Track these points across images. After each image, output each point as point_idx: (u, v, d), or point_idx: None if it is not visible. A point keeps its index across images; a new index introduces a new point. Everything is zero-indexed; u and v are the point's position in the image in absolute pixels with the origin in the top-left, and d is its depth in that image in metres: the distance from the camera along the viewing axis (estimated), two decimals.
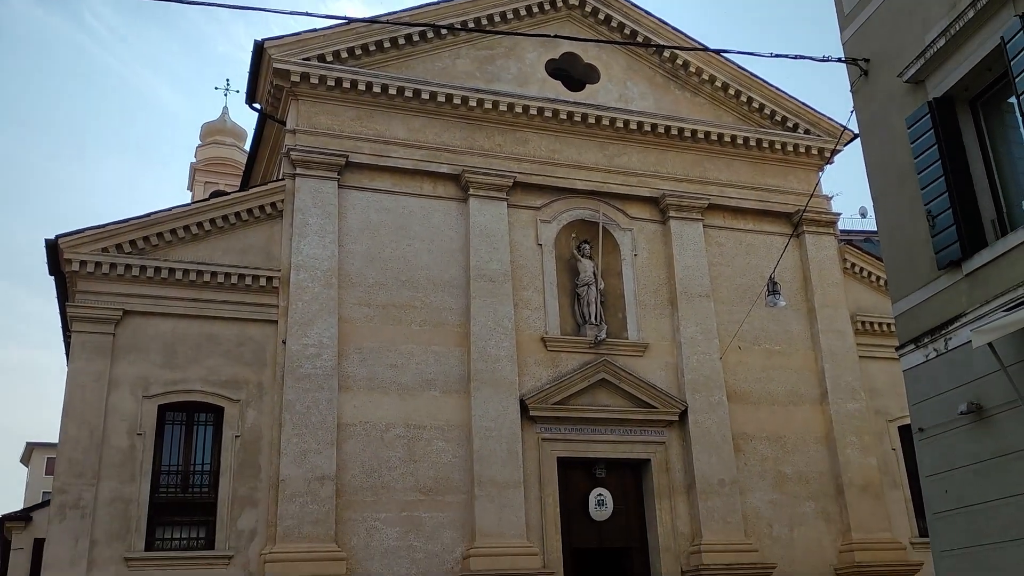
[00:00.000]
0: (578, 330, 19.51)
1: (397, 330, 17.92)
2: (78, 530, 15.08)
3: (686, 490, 18.85)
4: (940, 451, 9.79)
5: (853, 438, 20.01)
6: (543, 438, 18.27)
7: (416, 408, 17.51)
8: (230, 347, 17.02)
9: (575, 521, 18.38)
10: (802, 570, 18.88)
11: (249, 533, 16.11)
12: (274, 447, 16.53)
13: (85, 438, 15.59)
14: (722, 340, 19.93)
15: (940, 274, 9.95)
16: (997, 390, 8.92)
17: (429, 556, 16.66)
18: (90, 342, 16.19)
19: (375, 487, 16.77)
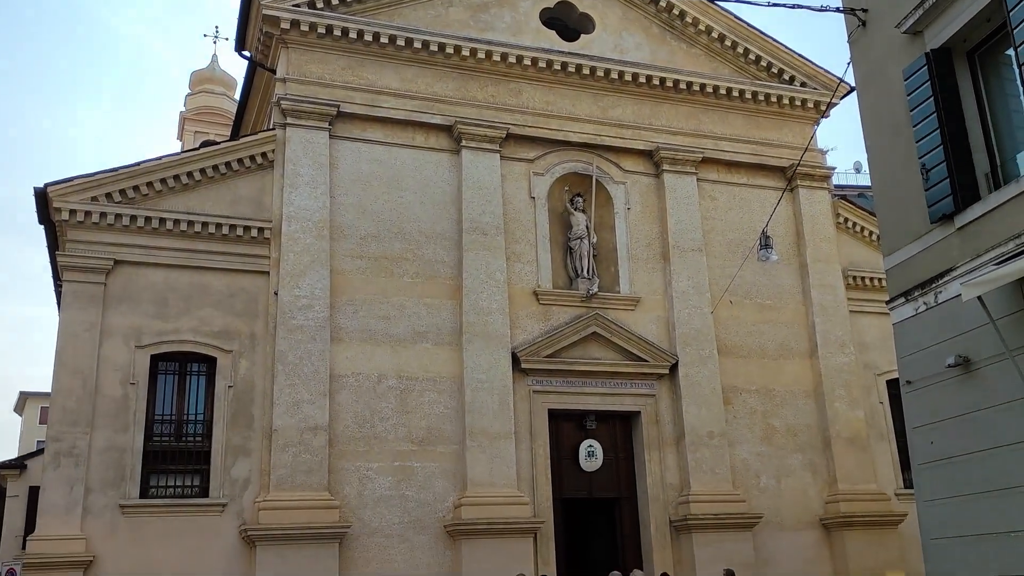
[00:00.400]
0: (570, 284, 19.54)
1: (389, 282, 17.91)
2: (72, 477, 15.21)
3: (675, 442, 19.06)
4: (927, 403, 9.90)
5: (842, 391, 20.22)
6: (534, 390, 18.41)
7: (408, 360, 17.59)
8: (222, 298, 17.01)
9: (565, 472, 18.61)
10: (788, 520, 19.22)
11: (243, 482, 16.27)
12: (267, 397, 16.62)
13: (78, 387, 15.64)
14: (714, 294, 20.00)
15: (932, 228, 9.96)
16: (985, 343, 8.99)
17: (421, 505, 16.88)
18: (81, 292, 16.15)
19: (368, 437, 16.92)
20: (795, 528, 19.22)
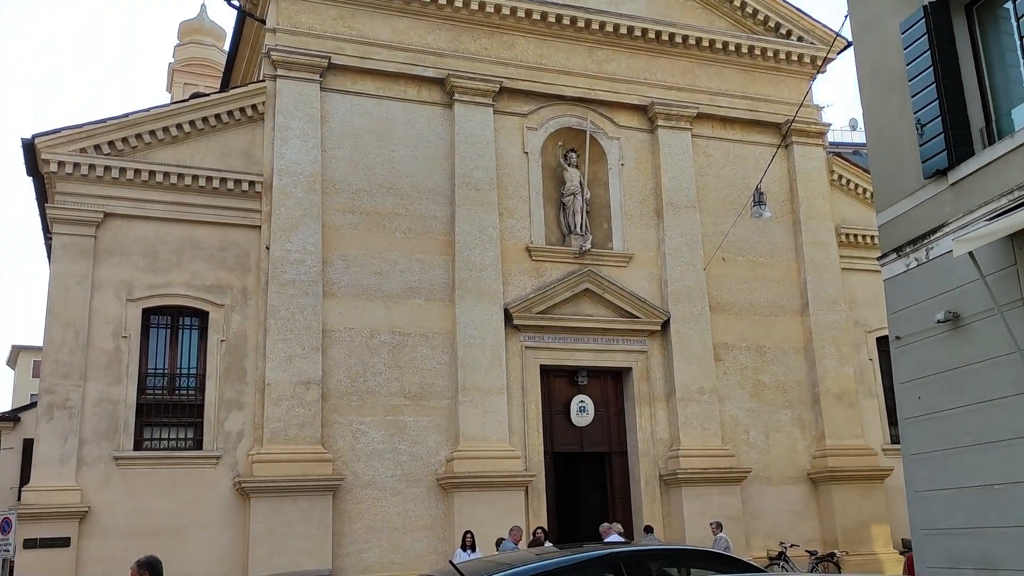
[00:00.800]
0: (563, 240, 19.51)
1: (381, 237, 17.86)
2: (66, 429, 15.28)
3: (666, 398, 19.21)
4: (915, 359, 9.96)
5: (831, 348, 20.36)
6: (526, 346, 18.48)
7: (401, 315, 17.61)
8: (213, 252, 16.96)
9: (557, 426, 18.77)
10: (776, 475, 19.48)
11: (236, 435, 16.37)
12: (259, 352, 16.65)
13: (70, 340, 15.64)
14: (706, 251, 20.01)
15: (926, 183, 9.92)
16: (974, 299, 9.02)
17: (414, 459, 17.04)
18: (71, 244, 16.08)
19: (360, 392, 17.01)
20: (783, 482, 19.49)
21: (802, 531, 19.14)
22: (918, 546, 9.91)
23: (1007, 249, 8.68)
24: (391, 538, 16.47)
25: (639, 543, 15.03)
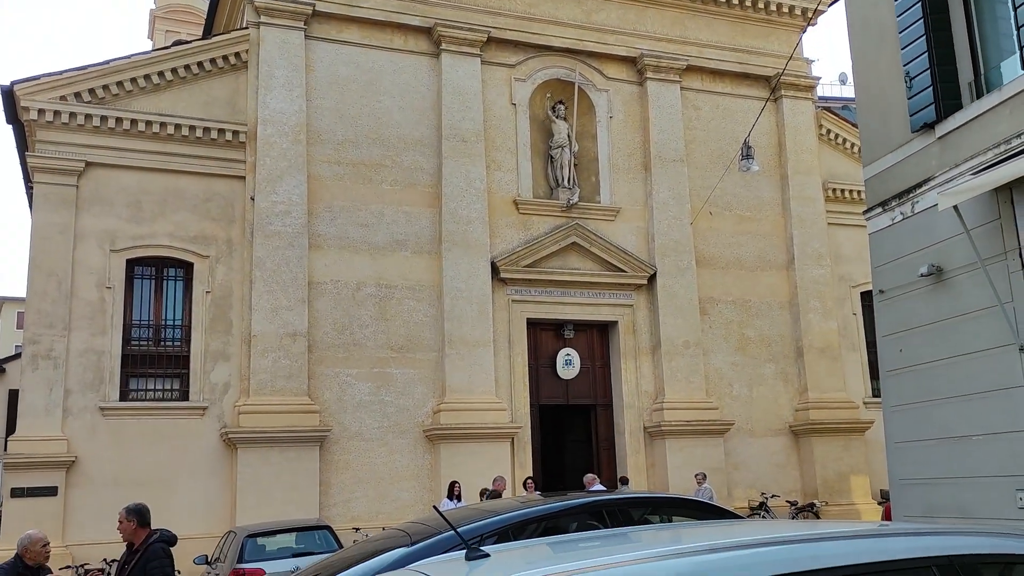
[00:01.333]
0: (551, 193, 19.43)
1: (368, 189, 17.73)
2: (51, 380, 15.26)
3: (651, 351, 19.34)
4: (898, 312, 10.03)
5: (816, 303, 20.50)
6: (513, 299, 18.51)
7: (387, 268, 17.57)
8: (197, 202, 16.81)
9: (543, 379, 18.90)
10: (759, 427, 19.73)
11: (223, 386, 16.40)
12: (245, 303, 16.61)
13: (53, 290, 15.55)
14: (694, 205, 19.99)
15: (913, 137, 9.90)
16: (958, 253, 9.06)
17: (400, 410, 17.14)
18: (53, 194, 15.89)
19: (347, 344, 17.03)
20: (765, 434, 19.75)
21: (783, 482, 19.46)
22: (896, 496, 10.09)
23: (992, 203, 8.70)
24: (378, 488, 16.63)
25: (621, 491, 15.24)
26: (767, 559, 2.86)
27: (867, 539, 3.12)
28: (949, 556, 2.95)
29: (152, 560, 6.70)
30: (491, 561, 3.11)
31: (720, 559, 2.93)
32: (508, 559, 3.28)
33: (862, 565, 2.90)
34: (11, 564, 6.82)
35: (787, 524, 4.06)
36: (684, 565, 2.84)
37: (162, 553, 6.77)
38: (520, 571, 2.84)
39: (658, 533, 4.67)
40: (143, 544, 6.79)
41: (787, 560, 2.86)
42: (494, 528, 5.48)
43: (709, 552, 3.02)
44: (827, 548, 3.03)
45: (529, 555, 3.44)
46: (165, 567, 6.73)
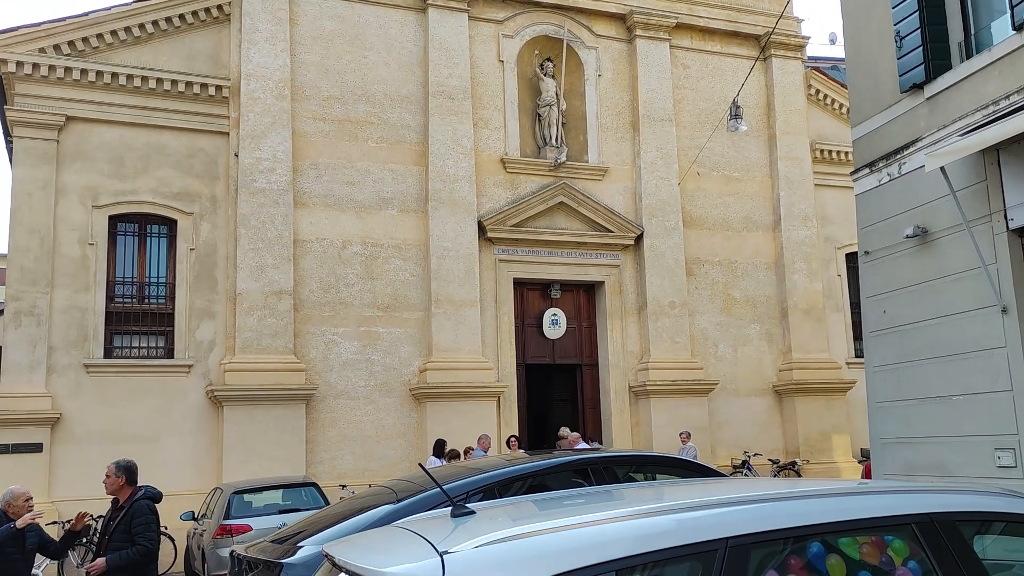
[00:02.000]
0: (538, 152, 19.31)
1: (353, 146, 17.56)
2: (34, 336, 15.17)
3: (637, 311, 19.40)
4: (883, 274, 10.08)
5: (801, 264, 20.57)
6: (500, 259, 18.47)
7: (373, 226, 17.47)
8: (180, 158, 16.61)
9: (529, 339, 18.95)
10: (743, 387, 19.90)
11: (208, 344, 16.36)
12: (230, 261, 16.51)
13: (35, 246, 15.39)
14: (681, 166, 19.92)
15: (902, 97, 9.86)
16: (944, 214, 9.09)
17: (387, 369, 17.16)
18: (33, 148, 15.65)
19: (333, 303, 16.99)
20: (749, 394, 19.93)
21: (766, 441, 19.69)
22: (876, 454, 10.22)
23: (978, 165, 8.70)
24: (364, 446, 16.71)
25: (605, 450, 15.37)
26: (748, 516, 2.89)
27: (847, 497, 3.15)
28: (929, 514, 2.98)
29: (137, 516, 6.72)
30: (476, 518, 3.13)
31: (702, 516, 2.95)
32: (493, 516, 3.30)
33: (842, 523, 2.93)
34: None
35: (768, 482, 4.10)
36: (668, 523, 2.87)
37: (147, 510, 6.79)
38: (505, 528, 2.85)
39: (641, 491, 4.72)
40: (128, 500, 6.81)
41: (768, 517, 2.88)
42: (480, 486, 5.52)
43: (691, 509, 3.05)
44: (807, 506, 3.06)
45: (514, 512, 3.46)
46: (150, 524, 6.75)
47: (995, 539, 3.21)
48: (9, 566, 6.74)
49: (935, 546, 2.90)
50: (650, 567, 2.69)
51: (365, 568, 2.70)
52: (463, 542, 2.68)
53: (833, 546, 2.86)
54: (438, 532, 2.91)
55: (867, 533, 2.94)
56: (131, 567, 6.63)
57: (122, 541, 6.66)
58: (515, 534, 2.74)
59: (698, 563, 2.69)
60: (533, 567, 2.54)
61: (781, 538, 2.84)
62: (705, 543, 2.72)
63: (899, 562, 2.89)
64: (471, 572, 2.54)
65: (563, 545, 2.67)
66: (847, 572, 2.82)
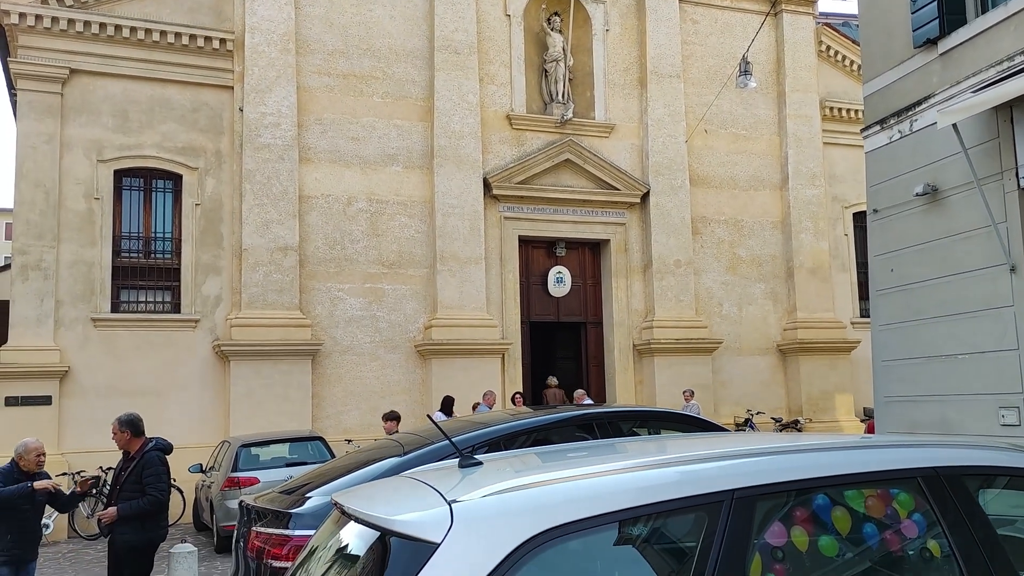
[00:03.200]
0: (544, 108, 19.13)
1: (358, 101, 17.42)
2: (42, 291, 15.21)
3: (642, 270, 19.37)
4: (891, 232, 10.03)
5: (808, 223, 20.47)
6: (505, 216, 18.41)
7: (379, 182, 17.40)
8: (184, 112, 16.50)
9: (534, 296, 18.96)
10: (747, 346, 19.94)
11: (214, 299, 16.40)
12: (236, 216, 16.48)
13: (41, 200, 15.37)
14: (689, 123, 19.74)
15: (915, 53, 9.72)
16: (954, 172, 9.01)
17: (392, 326, 17.22)
18: (37, 102, 15.55)
19: (338, 259, 16.99)
20: (753, 353, 19.98)
21: (769, 399, 19.78)
22: (880, 413, 10.26)
23: (991, 122, 8.60)
24: (370, 401, 16.83)
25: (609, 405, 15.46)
26: (754, 469, 2.89)
27: (853, 451, 3.15)
28: (935, 468, 2.99)
29: (148, 467, 6.82)
30: (483, 469, 3.14)
31: (708, 468, 2.96)
32: (500, 467, 3.32)
33: (848, 476, 2.93)
34: (7, 469, 6.93)
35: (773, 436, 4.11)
36: (673, 475, 2.88)
37: (157, 461, 6.89)
38: (512, 479, 2.87)
39: (646, 444, 4.74)
40: (139, 452, 6.90)
41: (774, 470, 2.89)
42: (485, 439, 5.55)
43: (696, 462, 3.06)
44: (813, 459, 3.06)
45: (520, 464, 3.48)
46: (160, 475, 6.85)
47: (999, 493, 3.23)
48: (20, 518, 6.85)
49: (940, 499, 2.91)
50: (655, 518, 2.71)
51: (375, 516, 2.72)
52: (471, 492, 2.70)
53: (838, 499, 2.87)
54: (446, 482, 2.93)
55: (873, 486, 2.95)
56: (141, 516, 6.75)
57: (133, 491, 6.77)
58: (521, 484, 2.76)
59: (704, 514, 2.70)
60: (539, 516, 2.56)
61: (787, 491, 2.84)
62: (711, 495, 2.73)
63: (904, 515, 2.90)
64: (479, 521, 2.56)
65: (568, 495, 2.69)
66: (852, 525, 2.83)
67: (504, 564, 2.44)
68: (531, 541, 2.48)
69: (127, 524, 6.70)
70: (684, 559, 2.68)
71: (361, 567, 2.70)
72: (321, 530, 3.27)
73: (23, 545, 6.85)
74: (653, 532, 2.72)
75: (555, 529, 2.52)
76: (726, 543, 2.64)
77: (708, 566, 2.59)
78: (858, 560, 2.84)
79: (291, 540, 4.57)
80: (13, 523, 6.79)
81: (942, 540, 2.86)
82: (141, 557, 6.80)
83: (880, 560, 2.86)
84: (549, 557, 2.51)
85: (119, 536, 6.74)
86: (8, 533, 6.76)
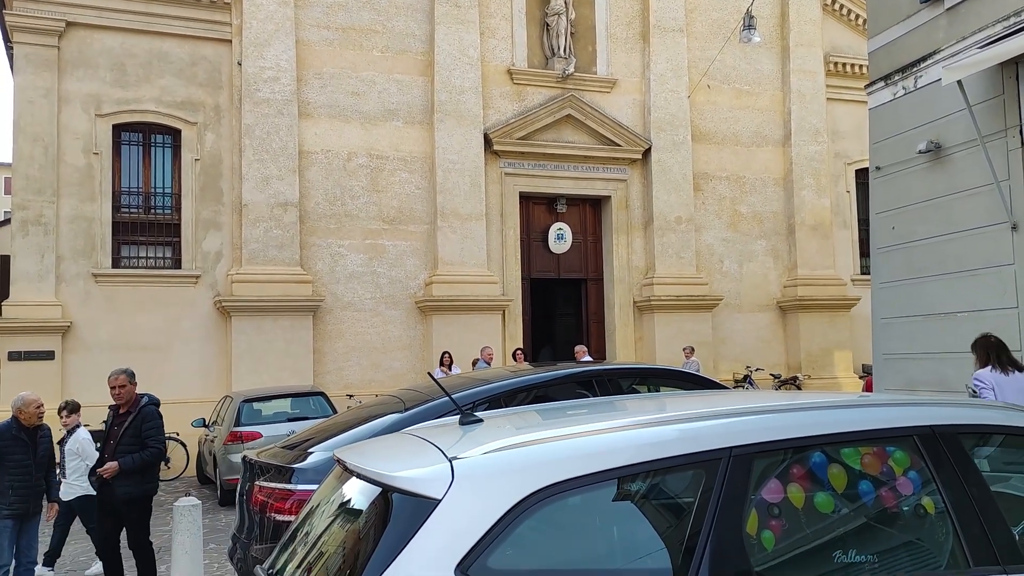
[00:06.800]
0: (546, 63, 18.92)
1: (358, 56, 17.23)
2: (43, 246, 15.21)
3: (644, 226, 19.33)
4: (893, 189, 10.00)
5: (810, 180, 20.38)
6: (506, 172, 18.32)
7: (379, 138, 17.29)
8: (183, 66, 16.33)
9: (535, 253, 18.95)
10: (747, 303, 19.98)
11: (215, 255, 16.40)
12: (235, 172, 16.41)
13: (40, 155, 15.29)
14: (692, 78, 19.54)
15: (921, 8, 9.59)
16: (958, 130, 8.95)
17: (393, 282, 17.24)
18: (33, 55, 15.38)
19: (338, 215, 16.95)
20: (753, 310, 20.03)
21: (768, 356, 19.88)
22: (878, 369, 10.32)
23: (996, 79, 8.52)
24: (371, 357, 16.92)
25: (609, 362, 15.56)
26: (751, 427, 2.92)
27: (850, 409, 3.18)
28: (931, 426, 3.02)
29: (148, 420, 6.90)
30: (484, 426, 3.18)
31: (706, 426, 2.99)
32: (500, 425, 3.36)
33: (844, 434, 2.96)
34: (7, 424, 6.98)
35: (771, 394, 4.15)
36: (671, 432, 2.91)
37: (156, 414, 6.97)
38: (512, 436, 2.91)
39: (645, 401, 4.78)
40: (135, 406, 6.96)
41: (771, 428, 2.92)
42: (486, 396, 5.58)
43: (694, 420, 3.09)
44: (811, 417, 3.09)
45: (520, 421, 3.52)
46: (160, 428, 6.96)
47: (994, 451, 3.26)
48: (23, 473, 6.89)
49: (935, 457, 2.94)
50: (653, 475, 2.74)
51: (377, 472, 2.76)
52: (471, 449, 2.73)
53: (835, 456, 2.90)
54: (447, 439, 2.96)
55: (869, 444, 2.98)
56: (142, 469, 6.83)
57: (132, 444, 6.84)
58: (522, 441, 2.79)
59: (702, 472, 2.74)
60: (539, 473, 2.59)
61: (784, 448, 2.87)
62: (708, 452, 2.76)
63: (899, 472, 2.94)
64: (479, 477, 2.59)
65: (568, 452, 2.72)
66: (848, 482, 2.87)
67: (504, 519, 2.48)
68: (531, 497, 2.52)
69: (128, 477, 6.78)
70: (682, 515, 2.72)
71: (363, 522, 2.74)
72: (323, 485, 3.32)
73: (27, 499, 6.92)
74: (651, 489, 2.76)
75: (555, 485, 2.56)
76: (723, 500, 2.68)
77: (705, 522, 2.63)
78: (853, 516, 2.88)
79: (294, 494, 4.63)
80: (15, 477, 6.85)
81: (937, 497, 2.90)
82: (142, 508, 6.91)
83: (875, 516, 2.90)
84: (549, 513, 2.55)
85: (120, 489, 6.80)
86: (10, 488, 6.82)
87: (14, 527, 6.86)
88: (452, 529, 2.46)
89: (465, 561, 2.41)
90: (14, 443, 6.87)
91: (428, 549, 2.43)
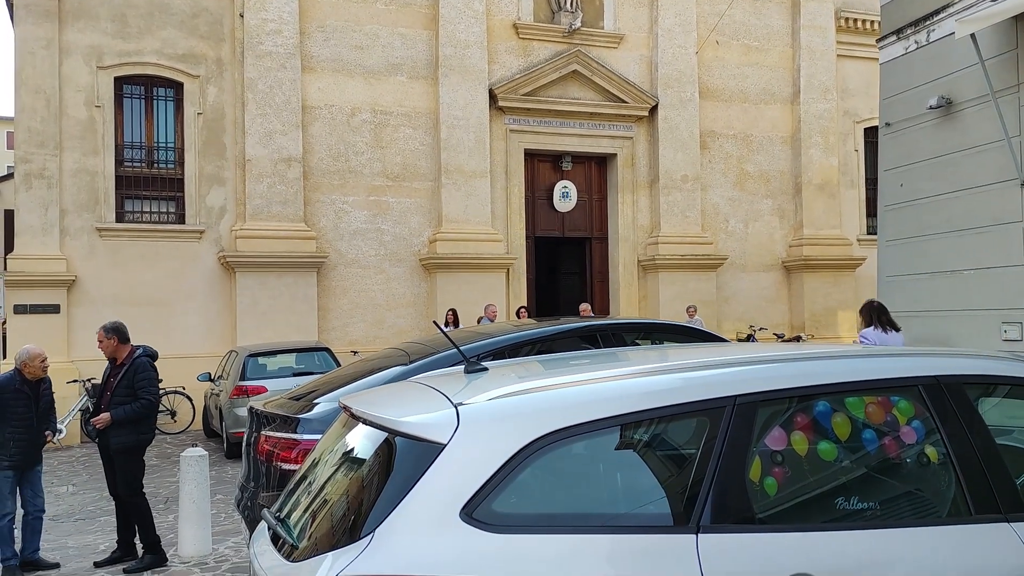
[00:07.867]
0: (552, 17, 18.66)
1: (362, 8, 17.00)
2: (46, 199, 15.17)
3: (649, 185, 19.22)
4: (903, 146, 9.90)
5: (818, 138, 20.19)
6: (511, 129, 18.17)
7: (383, 93, 17.13)
8: (184, 18, 16.13)
9: (539, 211, 18.87)
10: (752, 262, 19.92)
11: (219, 210, 16.35)
12: (238, 127, 16.29)
13: (42, 107, 15.18)
14: (700, 34, 19.27)
15: None
16: (970, 85, 8.83)
17: (397, 239, 17.20)
18: (34, 5, 15.19)
19: (342, 171, 16.86)
20: (757, 269, 19.98)
21: (772, 315, 19.88)
22: None
23: (1010, 32, 8.39)
24: (375, 314, 16.95)
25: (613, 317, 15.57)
26: (755, 376, 2.93)
27: (855, 359, 3.18)
28: (936, 376, 3.01)
29: (140, 372, 6.96)
30: (489, 375, 3.18)
31: (710, 375, 3.00)
32: (505, 373, 3.37)
33: (849, 383, 2.96)
34: (10, 377, 7.01)
35: (775, 346, 4.14)
36: (675, 380, 2.91)
37: (149, 366, 7.03)
38: (516, 383, 2.91)
39: (648, 352, 4.79)
40: (128, 358, 7.02)
41: (775, 377, 2.92)
42: (491, 349, 5.60)
43: (698, 368, 3.10)
44: (815, 367, 3.10)
45: (524, 371, 3.52)
46: (152, 380, 7.03)
47: (999, 402, 3.26)
48: (24, 425, 6.94)
49: (940, 407, 2.94)
50: (657, 423, 2.76)
51: (382, 417, 2.77)
52: (477, 395, 2.74)
53: (839, 406, 2.91)
54: (452, 386, 2.97)
55: (873, 394, 2.98)
56: (135, 420, 6.91)
57: (124, 396, 6.93)
58: (526, 388, 2.80)
59: (706, 419, 2.74)
60: (542, 419, 2.61)
61: (788, 397, 2.88)
62: (712, 400, 2.76)
63: (903, 422, 2.94)
64: (484, 422, 2.61)
65: (572, 399, 2.73)
66: (852, 431, 2.88)
67: (509, 464, 2.49)
68: (535, 443, 2.53)
69: (122, 428, 6.88)
70: (685, 463, 2.73)
71: (368, 467, 2.76)
72: (329, 432, 3.34)
73: (27, 450, 6.97)
74: (655, 436, 2.77)
75: (558, 432, 2.57)
76: (727, 447, 2.69)
77: (708, 469, 2.65)
78: (856, 464, 2.89)
79: (299, 444, 4.66)
80: (17, 429, 6.89)
81: (940, 447, 2.90)
82: (133, 457, 7.01)
83: (878, 465, 2.92)
84: (552, 459, 2.57)
85: (113, 439, 6.92)
86: (12, 440, 6.87)
87: (15, 477, 6.93)
88: (457, 473, 2.47)
89: (470, 505, 2.43)
90: (17, 396, 6.90)
91: (433, 493, 2.45)
